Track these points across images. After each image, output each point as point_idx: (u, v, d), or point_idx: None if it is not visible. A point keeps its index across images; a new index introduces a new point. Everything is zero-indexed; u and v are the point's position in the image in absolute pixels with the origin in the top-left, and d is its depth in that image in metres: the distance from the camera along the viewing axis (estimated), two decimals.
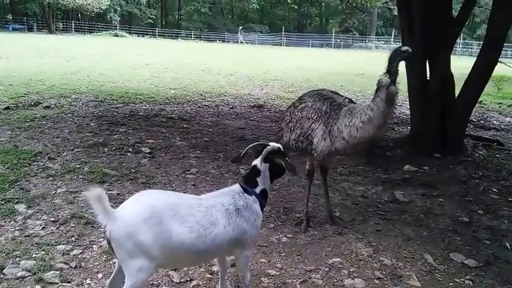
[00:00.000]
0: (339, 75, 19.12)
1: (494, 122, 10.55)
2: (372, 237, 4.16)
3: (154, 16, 66.21)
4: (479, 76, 7.02)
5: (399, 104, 11.77)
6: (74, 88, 11.31)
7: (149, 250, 2.31)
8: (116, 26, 55.71)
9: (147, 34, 54.98)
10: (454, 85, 7.17)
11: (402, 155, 6.84)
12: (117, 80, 13.58)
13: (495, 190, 5.63)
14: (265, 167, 2.84)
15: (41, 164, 5.42)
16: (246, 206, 2.70)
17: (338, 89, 11.96)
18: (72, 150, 6.10)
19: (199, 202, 2.59)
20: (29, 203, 4.30)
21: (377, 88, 3.58)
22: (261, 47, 46.81)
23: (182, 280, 3.23)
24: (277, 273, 3.43)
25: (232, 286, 3.23)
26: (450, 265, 3.72)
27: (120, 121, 8.04)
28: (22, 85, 11.08)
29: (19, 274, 3.13)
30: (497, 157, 7.31)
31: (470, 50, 44.35)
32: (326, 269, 3.52)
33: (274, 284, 3.28)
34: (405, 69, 7.42)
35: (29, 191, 4.59)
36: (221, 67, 19.37)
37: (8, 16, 56.26)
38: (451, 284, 3.43)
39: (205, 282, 3.23)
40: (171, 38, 53.16)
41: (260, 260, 3.59)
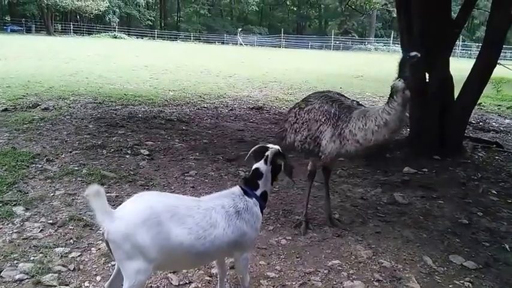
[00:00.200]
0: (338, 77, 19.14)
1: (493, 124, 10.57)
2: (371, 239, 4.15)
3: (153, 18, 66.31)
4: (478, 78, 7.03)
5: None
6: (73, 90, 11.30)
7: (147, 251, 2.30)
8: (115, 28, 55.75)
9: (146, 36, 55.01)
10: (453, 87, 7.18)
11: (401, 157, 6.83)
12: (115, 82, 13.57)
13: (494, 192, 5.63)
14: (267, 169, 2.84)
15: (39, 166, 5.41)
16: (246, 208, 2.70)
17: (337, 91, 11.96)
18: (70, 152, 6.08)
19: (198, 204, 2.58)
20: (27, 205, 4.29)
21: (392, 92, 3.65)
22: (260, 49, 46.86)
23: (181, 283, 3.22)
24: (276, 275, 3.42)
25: None
26: (449, 267, 3.72)
27: (118, 123, 8.03)
28: (20, 87, 11.07)
29: (17, 277, 3.11)
30: (496, 159, 7.31)
31: (469, 52, 44.39)
32: (325, 271, 3.51)
33: (273, 286, 3.27)
34: None
35: (27, 193, 4.58)
36: (220, 69, 19.37)
37: (6, 17, 56.37)
38: (451, 286, 3.43)
39: (204, 284, 3.22)
40: (170, 40, 53.19)
41: (259, 262, 3.58)
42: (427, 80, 7.11)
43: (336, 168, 6.12)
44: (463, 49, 46.25)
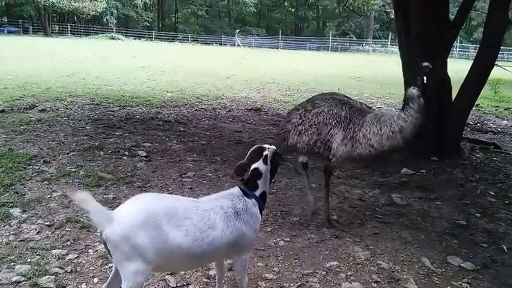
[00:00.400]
0: (336, 78, 19.14)
1: (491, 125, 10.59)
2: (370, 240, 4.15)
3: (150, 19, 66.23)
4: (476, 79, 7.04)
5: (397, 107, 11.81)
6: (70, 91, 11.27)
7: (146, 253, 2.30)
8: (112, 29, 55.66)
9: (144, 37, 54.95)
10: (451, 88, 7.18)
11: (399, 158, 6.83)
12: (113, 83, 13.54)
13: (492, 193, 5.63)
14: (266, 169, 2.83)
15: (36, 168, 5.39)
16: (246, 209, 2.69)
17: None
18: (67, 153, 6.06)
19: (197, 205, 2.57)
20: (24, 207, 4.27)
21: (408, 100, 3.86)
22: (258, 50, 46.86)
23: (179, 284, 3.21)
24: (274, 277, 3.41)
25: None
26: (447, 268, 3.72)
27: (116, 124, 8.01)
28: (17, 88, 11.03)
29: (14, 279, 3.10)
30: (494, 160, 7.32)
31: (467, 53, 44.46)
32: (323, 273, 3.50)
33: None
34: (402, 71, 7.45)
35: (24, 195, 4.56)
36: (218, 70, 19.36)
37: (3, 19, 56.19)
38: (449, 287, 3.43)
39: (201, 286, 3.21)
40: (168, 41, 53.10)
41: (257, 264, 3.57)
42: (425, 82, 7.10)
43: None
44: (461, 50, 46.35)
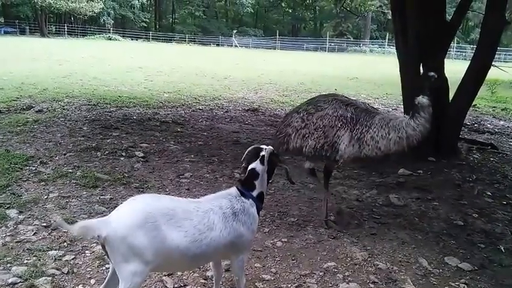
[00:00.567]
0: (333, 79, 19.16)
1: (488, 126, 10.61)
2: (367, 241, 4.15)
3: (148, 19, 66.14)
4: (473, 80, 7.05)
5: (394, 108, 11.83)
6: (67, 92, 11.23)
7: (144, 254, 2.30)
8: (109, 30, 55.59)
9: (141, 37, 54.87)
10: (448, 88, 7.18)
11: (396, 159, 6.83)
12: (110, 84, 13.50)
13: (489, 193, 5.64)
14: (263, 170, 2.83)
15: (33, 169, 5.37)
16: (243, 210, 2.69)
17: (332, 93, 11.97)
18: (64, 154, 6.05)
19: (196, 206, 2.57)
20: (21, 208, 4.25)
21: (418, 108, 3.91)
22: (256, 51, 46.88)
23: (176, 286, 3.20)
24: (271, 277, 3.40)
25: None
26: (445, 269, 3.72)
27: (113, 125, 7.99)
28: (14, 89, 10.99)
29: (10, 280, 3.08)
30: (491, 160, 7.33)
31: (464, 54, 44.55)
32: (321, 274, 3.50)
33: None
34: (399, 72, 7.45)
35: (21, 196, 4.54)
36: (215, 71, 19.34)
37: (0, 19, 55.98)
38: None
39: (199, 287, 3.20)
40: (165, 42, 53.03)
41: (255, 265, 3.56)
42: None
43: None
44: (458, 51, 46.48)
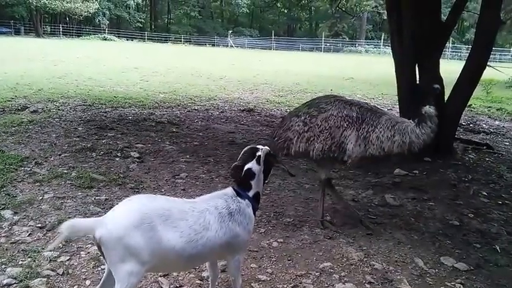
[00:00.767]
0: (329, 79, 19.19)
1: (483, 126, 10.64)
2: (363, 241, 4.15)
3: (143, 20, 66.01)
4: (468, 80, 7.06)
5: (389, 108, 11.84)
6: (62, 92, 11.20)
7: (140, 254, 2.29)
8: (105, 30, 55.45)
9: (136, 38, 54.77)
10: (444, 89, 7.20)
11: (392, 159, 6.84)
12: (105, 84, 13.47)
13: (485, 193, 5.65)
14: (259, 170, 2.82)
15: (28, 169, 5.34)
16: (239, 210, 2.68)
17: (328, 93, 11.97)
18: (59, 155, 6.02)
19: (192, 206, 2.56)
20: (16, 209, 4.23)
21: (425, 118, 4.00)
22: (251, 51, 46.88)
23: (172, 286, 3.19)
24: (267, 278, 3.39)
25: None
26: (441, 269, 3.72)
27: (108, 125, 7.97)
28: (9, 89, 10.94)
29: (5, 281, 3.06)
30: (486, 160, 7.35)
31: (459, 54, 44.72)
32: (317, 274, 3.49)
33: None
34: (395, 72, 7.47)
35: (16, 197, 4.52)
36: (211, 71, 19.33)
37: None
38: None
39: None
40: (161, 42, 52.94)
41: (250, 265, 3.56)
42: (418, 82, 7.14)
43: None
44: (453, 51, 46.66)
